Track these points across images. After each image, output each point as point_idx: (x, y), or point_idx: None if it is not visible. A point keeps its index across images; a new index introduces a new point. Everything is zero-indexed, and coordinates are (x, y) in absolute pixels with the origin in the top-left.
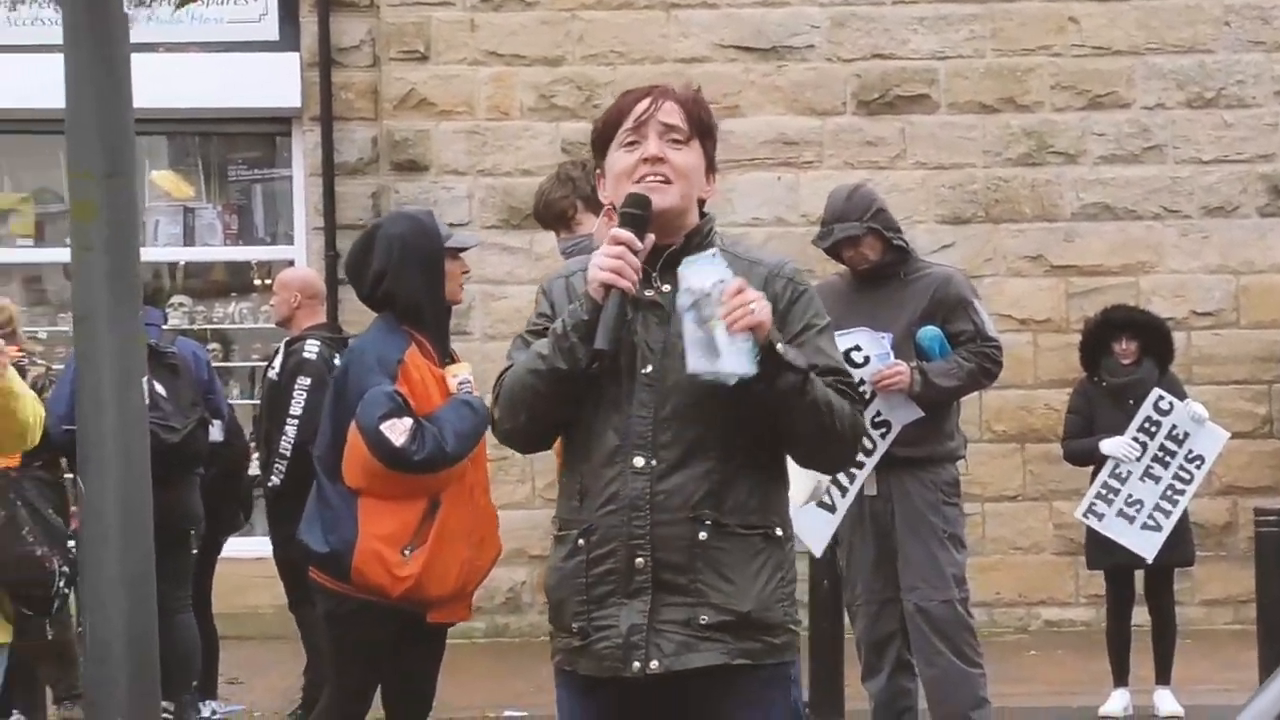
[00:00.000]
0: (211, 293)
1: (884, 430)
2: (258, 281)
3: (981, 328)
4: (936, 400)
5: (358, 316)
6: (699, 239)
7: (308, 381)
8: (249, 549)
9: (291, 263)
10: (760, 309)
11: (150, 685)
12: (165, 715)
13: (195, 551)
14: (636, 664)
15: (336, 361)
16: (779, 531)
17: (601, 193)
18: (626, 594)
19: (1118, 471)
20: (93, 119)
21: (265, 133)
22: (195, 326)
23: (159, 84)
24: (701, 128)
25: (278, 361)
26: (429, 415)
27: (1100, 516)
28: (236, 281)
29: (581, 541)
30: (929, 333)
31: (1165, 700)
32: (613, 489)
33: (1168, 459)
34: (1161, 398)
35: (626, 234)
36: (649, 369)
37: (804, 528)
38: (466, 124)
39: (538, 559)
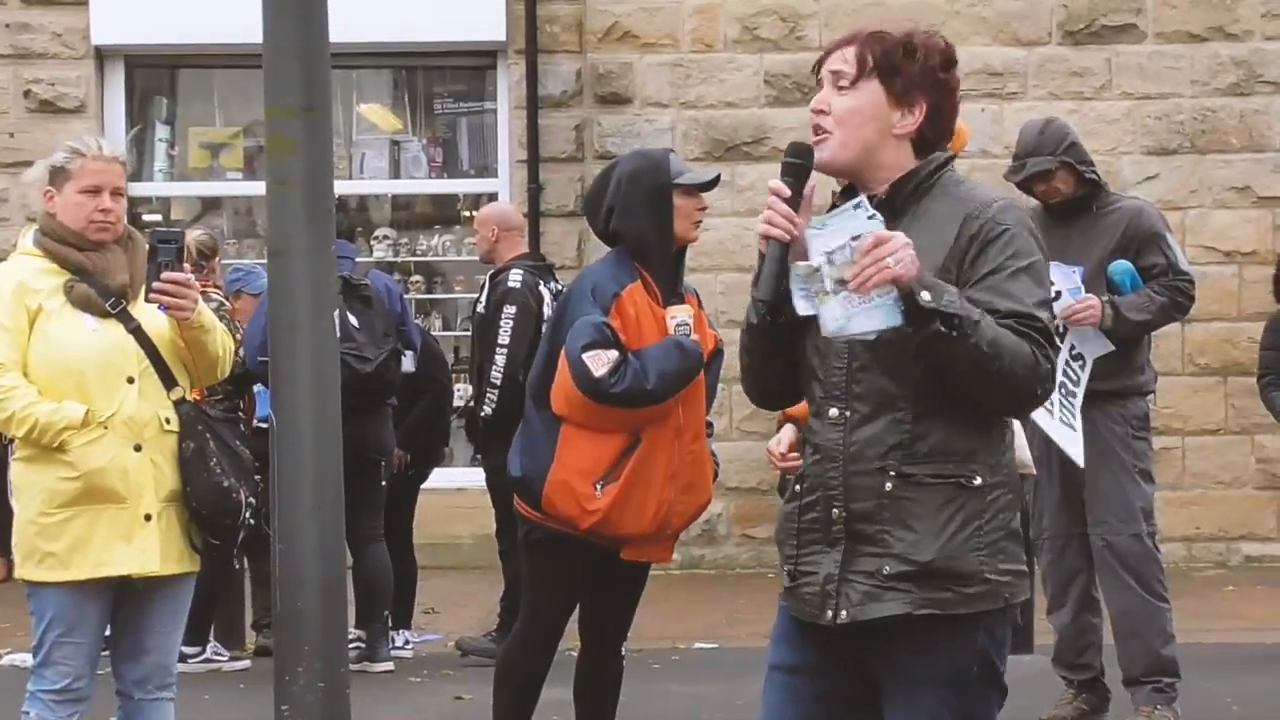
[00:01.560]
0: (416, 225)
1: (1081, 363)
2: (463, 214)
3: (1174, 261)
4: (1128, 334)
5: (556, 249)
6: (912, 184)
7: (513, 310)
8: (449, 480)
9: (495, 196)
10: (898, 260)
11: (339, 615)
12: (357, 644)
13: (384, 483)
14: (829, 613)
15: (542, 289)
16: (977, 480)
17: None
18: (828, 543)
19: None
20: (290, 53)
21: (471, 66)
22: (399, 259)
23: (366, 17)
24: (881, 66)
25: (484, 295)
26: (637, 351)
27: None
28: (441, 214)
29: (799, 488)
30: (1120, 266)
31: None
32: (817, 439)
33: None
34: None
35: (778, 184)
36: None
37: (1064, 441)
38: (670, 56)
39: (733, 491)
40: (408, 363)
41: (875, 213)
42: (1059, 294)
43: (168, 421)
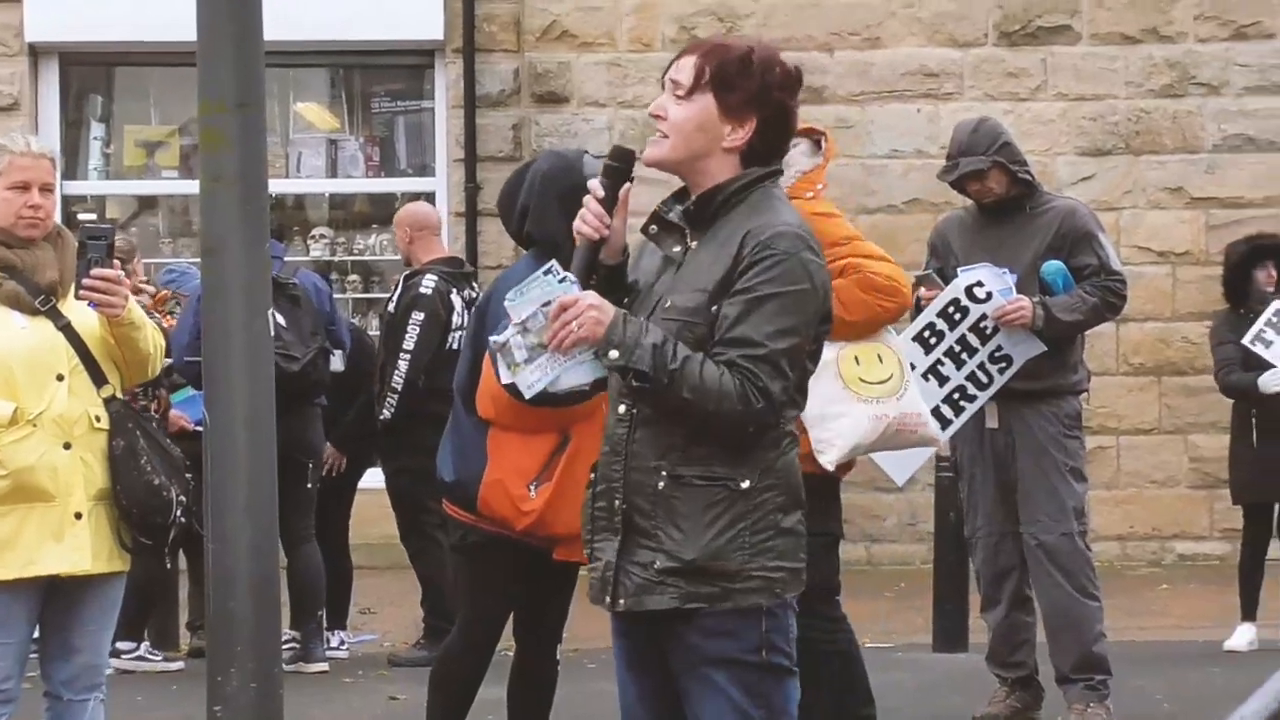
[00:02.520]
0: (353, 224)
1: (1003, 365)
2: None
3: (1106, 261)
4: (1059, 335)
5: (494, 249)
6: (719, 197)
7: (421, 316)
8: (381, 480)
9: (432, 195)
10: (581, 324)
11: (272, 615)
12: (291, 645)
13: (310, 484)
14: (607, 599)
15: (453, 297)
16: (745, 484)
17: None
18: (611, 531)
19: None
20: (224, 49)
21: (408, 64)
22: (336, 258)
23: (304, 15)
24: (716, 80)
25: (395, 295)
26: None
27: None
28: (378, 213)
29: (593, 475)
30: (1052, 267)
31: None
32: (607, 432)
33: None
34: None
35: (594, 184)
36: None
37: (887, 459)
38: (608, 56)
39: None
40: (336, 362)
41: (567, 275)
42: (990, 295)
43: (98, 419)
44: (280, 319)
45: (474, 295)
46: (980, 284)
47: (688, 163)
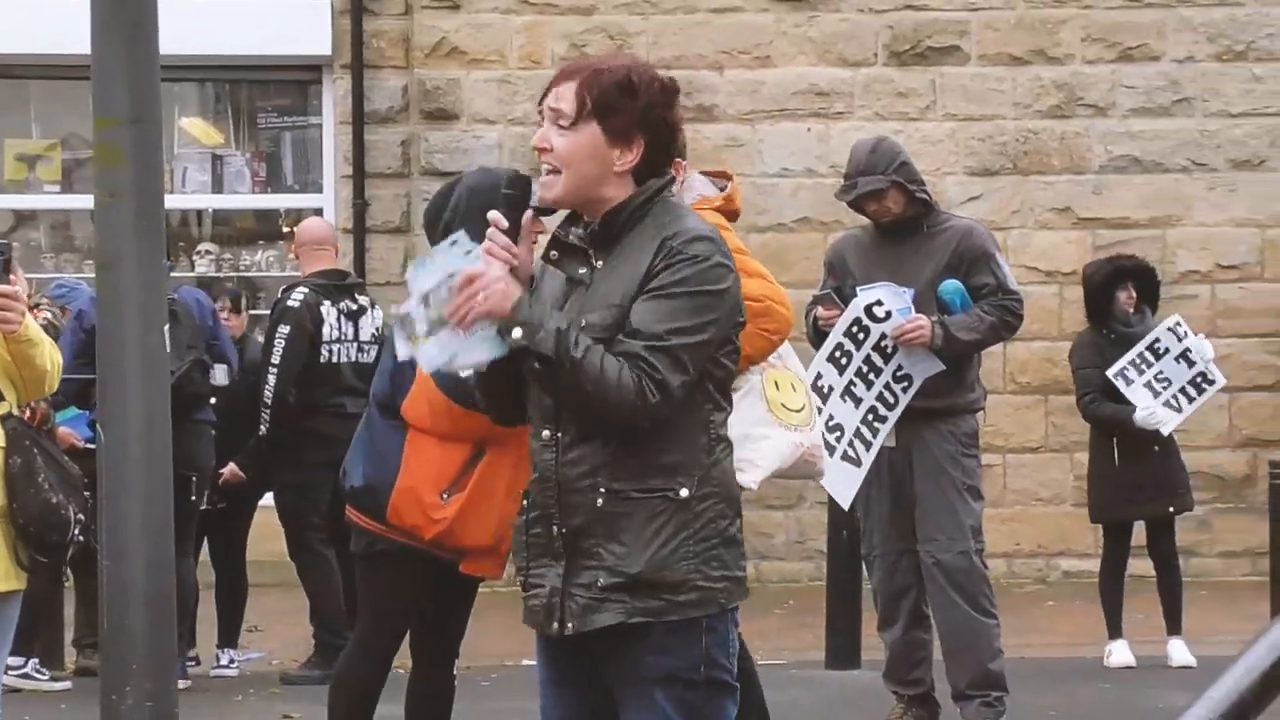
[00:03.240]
0: (239, 240)
1: (905, 384)
2: (285, 230)
3: (1003, 281)
4: (957, 354)
5: (382, 265)
6: (624, 215)
7: (287, 329)
8: (271, 497)
9: (320, 210)
10: (488, 296)
11: (168, 633)
12: None
13: (194, 497)
14: (555, 625)
15: (324, 309)
16: (684, 492)
17: None
18: (552, 556)
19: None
20: (119, 64)
21: (296, 80)
22: (222, 274)
23: (190, 30)
24: (599, 107)
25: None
26: None
27: None
28: (264, 229)
29: (525, 503)
30: (950, 286)
31: (1178, 651)
32: (535, 459)
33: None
34: (1178, 324)
35: (496, 215)
36: None
37: (832, 481)
38: (498, 73)
39: None
40: (220, 376)
41: (473, 247)
42: (889, 314)
43: None
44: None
45: (355, 308)
46: (879, 303)
47: (585, 194)
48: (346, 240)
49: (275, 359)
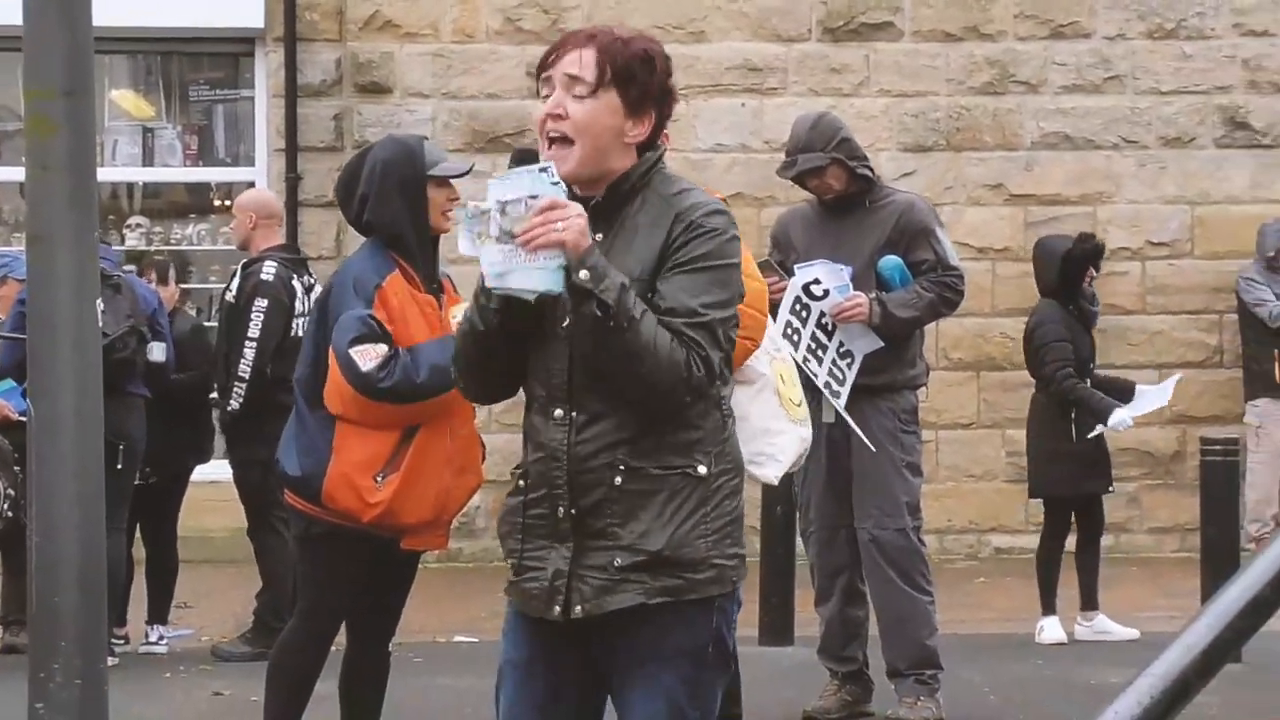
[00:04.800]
0: (170, 214)
1: (849, 361)
2: (217, 203)
3: (943, 256)
4: (896, 331)
5: (314, 239)
6: (626, 185)
7: (265, 303)
8: (204, 473)
9: (252, 184)
10: (567, 227)
11: (99, 610)
12: None
13: (121, 465)
14: (558, 609)
15: (295, 283)
16: (701, 469)
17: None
18: (556, 538)
19: None
20: (51, 36)
21: (228, 53)
22: (153, 248)
23: (122, 2)
24: (619, 75)
25: (235, 283)
26: (411, 347)
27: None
28: (196, 203)
29: (522, 483)
30: (889, 262)
31: (1106, 624)
32: (540, 438)
33: None
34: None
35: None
36: (568, 322)
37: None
38: (431, 46)
39: (491, 484)
40: (157, 353)
41: (560, 181)
42: (827, 292)
43: None
44: (100, 304)
45: (311, 282)
46: (817, 281)
47: (600, 167)
48: None
49: (253, 332)
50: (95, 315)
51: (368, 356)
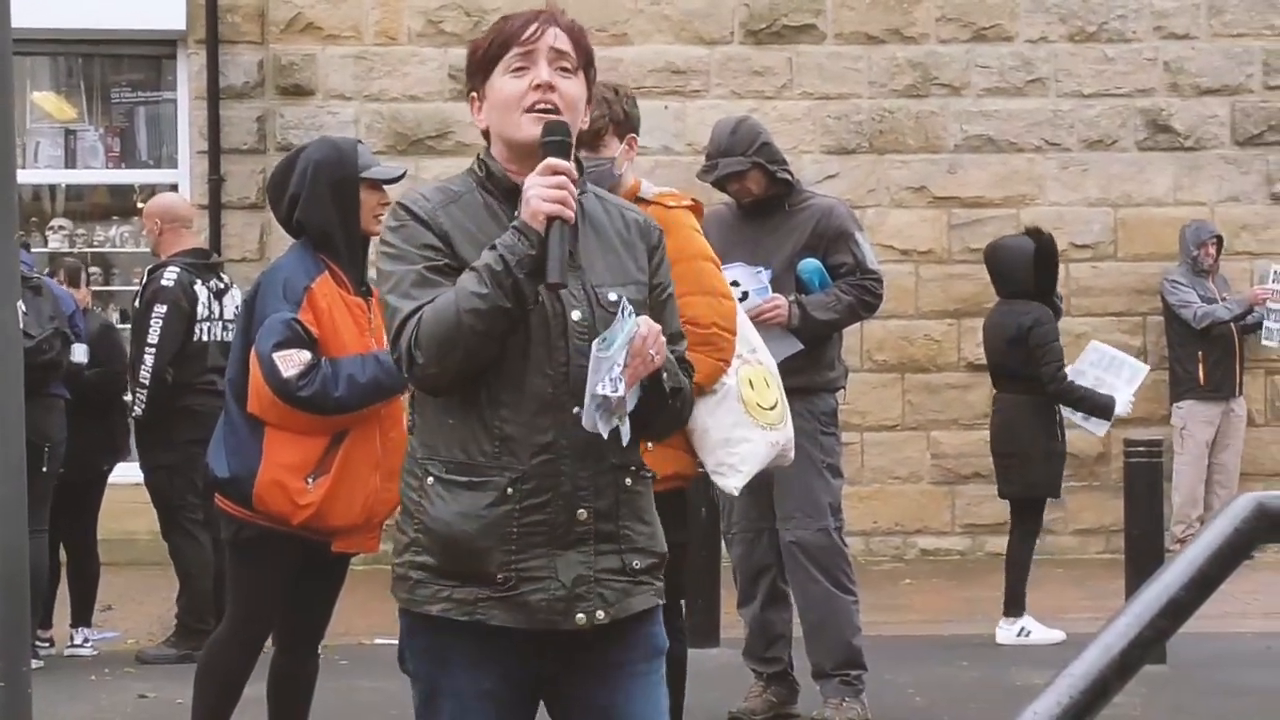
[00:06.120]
0: (93, 216)
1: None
2: (140, 205)
3: (862, 260)
4: (815, 333)
5: (238, 241)
6: (580, 173)
7: (163, 308)
8: (125, 475)
9: (175, 186)
10: (659, 351)
11: (21, 612)
12: None
13: (45, 468)
14: (581, 615)
15: (197, 288)
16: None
17: (478, 120)
18: (562, 545)
19: None
20: None
21: (150, 55)
22: (75, 250)
23: (42, 3)
24: (586, 59)
25: (140, 289)
26: (334, 360)
27: None
28: (118, 205)
29: (511, 490)
30: (808, 265)
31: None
32: (547, 438)
33: None
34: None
35: (566, 164)
36: (578, 315)
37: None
38: (353, 49)
39: None
40: (79, 354)
41: (630, 307)
42: (745, 294)
43: None
44: (21, 305)
45: (221, 286)
46: (735, 284)
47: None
48: (202, 216)
49: (152, 338)
50: (15, 317)
51: (290, 362)
